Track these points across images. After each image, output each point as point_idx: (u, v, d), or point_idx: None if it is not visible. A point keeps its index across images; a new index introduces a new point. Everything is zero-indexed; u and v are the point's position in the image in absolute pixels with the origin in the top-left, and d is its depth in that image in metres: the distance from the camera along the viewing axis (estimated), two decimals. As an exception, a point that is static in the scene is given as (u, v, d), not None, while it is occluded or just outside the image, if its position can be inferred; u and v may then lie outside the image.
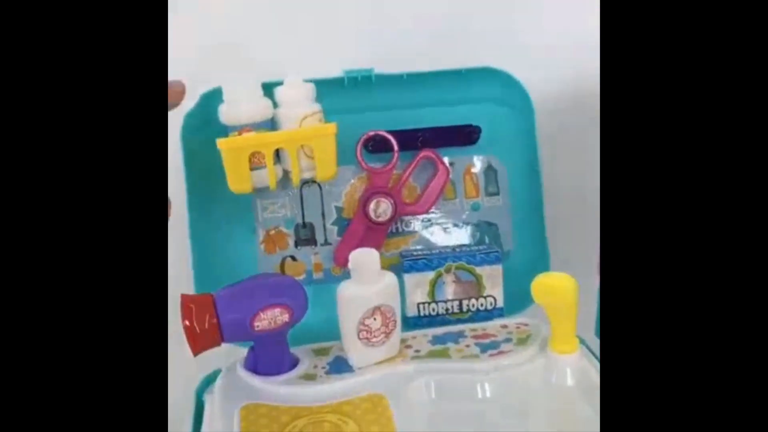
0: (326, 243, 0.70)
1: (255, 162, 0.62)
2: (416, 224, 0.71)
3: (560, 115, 0.75)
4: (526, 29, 0.76)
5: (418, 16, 0.75)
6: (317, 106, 0.63)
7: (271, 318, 0.56)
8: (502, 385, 0.58)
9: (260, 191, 0.67)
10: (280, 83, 0.63)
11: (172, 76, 0.61)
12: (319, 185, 0.69)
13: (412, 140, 0.69)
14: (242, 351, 0.61)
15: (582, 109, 0.75)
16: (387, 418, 0.53)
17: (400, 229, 0.71)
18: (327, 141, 0.62)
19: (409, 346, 0.62)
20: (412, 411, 0.54)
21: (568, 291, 0.55)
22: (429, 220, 0.71)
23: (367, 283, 0.57)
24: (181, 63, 0.67)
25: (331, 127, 0.62)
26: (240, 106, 0.61)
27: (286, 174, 0.65)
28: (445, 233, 0.71)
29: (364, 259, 0.57)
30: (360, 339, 0.58)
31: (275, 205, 0.69)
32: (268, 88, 0.63)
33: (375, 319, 0.58)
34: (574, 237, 0.73)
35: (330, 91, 0.65)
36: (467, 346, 0.61)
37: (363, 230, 0.69)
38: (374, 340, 0.58)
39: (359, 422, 0.52)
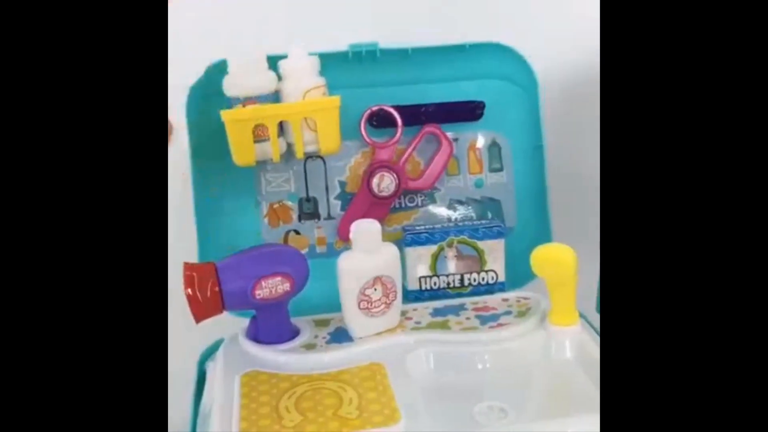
0: (329, 217, 0.70)
1: (259, 134, 0.62)
2: (419, 199, 0.71)
3: (565, 93, 0.75)
4: (534, 6, 0.76)
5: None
6: (321, 80, 0.64)
7: (272, 287, 0.56)
8: (501, 356, 0.58)
9: (264, 164, 0.68)
10: (284, 56, 0.63)
11: (180, 49, 0.62)
12: (323, 160, 0.70)
13: (416, 115, 0.70)
14: (244, 322, 0.61)
15: (587, 87, 0.75)
16: (385, 386, 0.53)
17: (404, 204, 0.71)
18: (330, 114, 0.63)
19: (409, 318, 0.62)
20: (410, 380, 0.54)
21: (567, 262, 0.55)
22: (432, 196, 0.71)
23: (368, 254, 0.58)
24: (187, 34, 0.68)
25: (335, 100, 0.63)
26: (244, 78, 0.62)
27: (289, 147, 0.65)
28: (449, 209, 0.71)
29: (366, 229, 0.58)
30: (360, 309, 0.58)
31: (279, 179, 0.70)
32: (273, 61, 0.63)
33: (376, 289, 0.58)
34: (577, 214, 0.73)
35: (335, 66, 0.66)
36: (467, 318, 0.62)
37: (366, 205, 0.69)
38: (375, 310, 0.59)
39: (357, 389, 0.53)
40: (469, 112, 0.70)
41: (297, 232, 0.70)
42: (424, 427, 0.49)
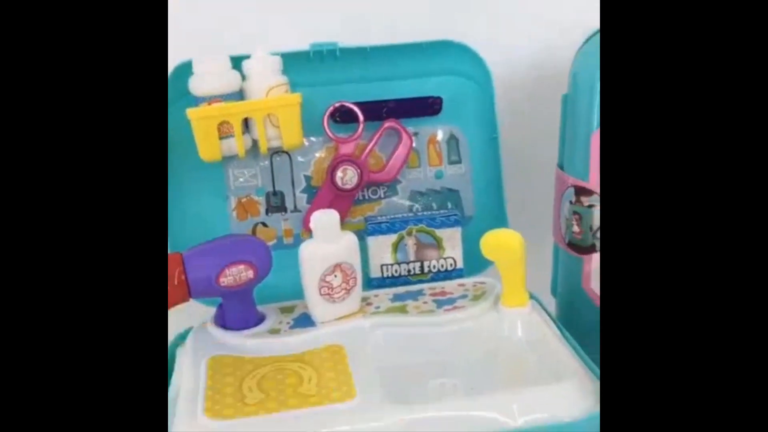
0: (296, 210, 0.73)
1: (224, 131, 0.65)
2: (382, 191, 0.74)
3: (519, 88, 0.78)
4: (489, 5, 0.79)
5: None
6: (283, 78, 0.67)
7: (236, 274, 0.59)
8: (456, 337, 0.61)
9: (231, 160, 0.71)
10: (247, 57, 0.66)
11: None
12: (288, 155, 0.73)
13: (377, 111, 0.73)
14: (214, 310, 0.64)
15: (540, 83, 0.79)
16: (344, 366, 0.56)
17: (367, 197, 0.74)
18: (292, 110, 0.66)
19: (370, 303, 0.65)
20: (368, 361, 0.57)
21: (514, 246, 0.58)
22: (394, 188, 0.74)
23: (328, 242, 0.61)
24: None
25: (296, 97, 0.66)
26: (209, 78, 0.65)
27: (255, 143, 0.68)
28: (410, 200, 0.74)
29: (325, 218, 0.61)
30: (321, 295, 0.61)
31: (247, 174, 0.73)
32: (237, 62, 0.66)
33: (336, 276, 0.61)
34: (531, 203, 0.77)
35: (297, 65, 0.69)
36: (424, 302, 0.65)
37: (331, 197, 0.72)
38: (336, 296, 0.62)
39: (317, 369, 0.56)
40: (427, 107, 0.74)
41: (265, 225, 0.73)
42: (380, 402, 0.52)
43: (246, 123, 0.67)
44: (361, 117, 0.71)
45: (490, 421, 0.50)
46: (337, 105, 0.71)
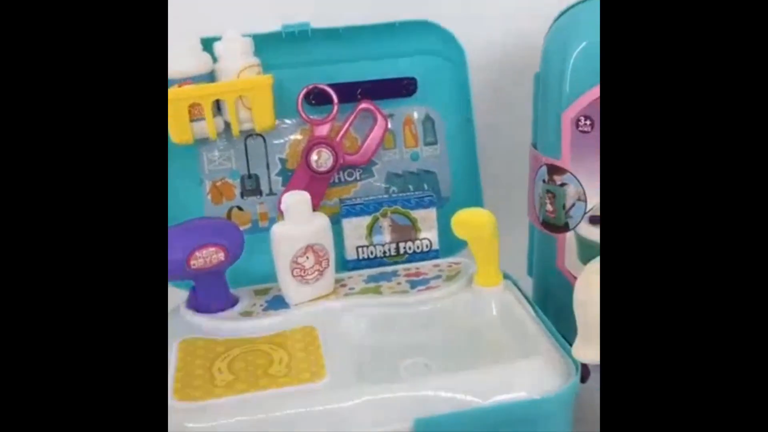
0: (271, 193, 0.73)
1: (195, 114, 0.65)
2: (358, 173, 0.74)
3: (494, 69, 0.78)
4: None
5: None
6: (255, 60, 0.66)
7: (206, 256, 0.59)
8: (429, 317, 0.61)
9: (205, 144, 0.70)
10: (218, 38, 0.66)
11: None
12: (263, 138, 0.72)
13: (352, 93, 0.72)
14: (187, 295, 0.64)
15: (514, 63, 0.78)
16: (316, 346, 0.56)
17: (342, 179, 0.74)
18: (263, 92, 0.65)
19: (344, 285, 0.65)
20: (340, 341, 0.57)
21: (485, 224, 0.58)
22: (370, 170, 0.74)
23: (299, 223, 0.61)
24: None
25: (267, 79, 0.65)
26: (179, 60, 0.64)
27: (227, 126, 0.68)
28: (386, 182, 0.74)
29: (295, 200, 0.60)
30: (294, 276, 0.61)
31: (221, 157, 0.72)
32: (208, 43, 0.66)
33: (307, 257, 0.61)
34: (508, 184, 0.77)
35: (269, 46, 0.68)
36: (398, 283, 0.65)
37: (306, 180, 0.71)
38: (308, 277, 0.62)
39: (288, 351, 0.56)
40: (402, 88, 0.73)
41: (240, 209, 0.73)
42: (349, 382, 0.52)
43: (218, 105, 0.66)
44: (335, 99, 0.71)
45: (459, 399, 0.50)
46: (310, 87, 0.71)
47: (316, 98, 0.72)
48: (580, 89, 0.60)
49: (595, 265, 0.50)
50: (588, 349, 0.50)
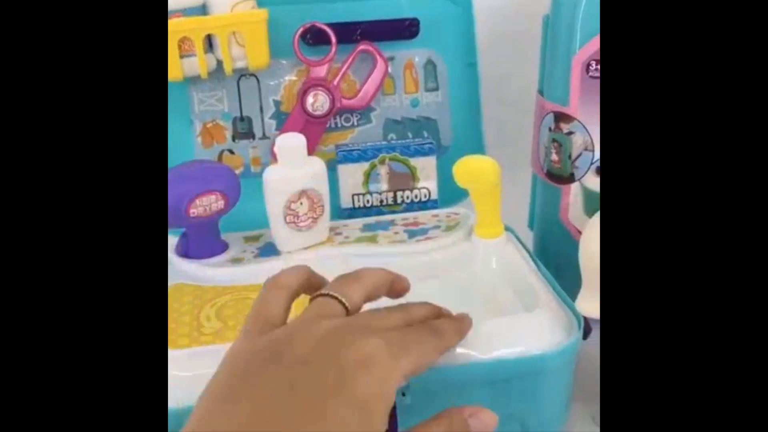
0: (264, 137, 0.70)
1: (185, 49, 0.61)
2: (355, 119, 0.71)
3: (501, 10, 0.74)
4: None
5: None
6: (250, -6, 0.63)
7: (206, 204, 0.56)
8: (427, 268, 0.59)
9: (195, 83, 0.67)
10: (211, -30, 0.62)
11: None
12: (257, 78, 0.69)
13: (351, 33, 0.69)
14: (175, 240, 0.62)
15: (522, 4, 0.74)
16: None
17: (339, 124, 0.71)
18: (257, 27, 0.62)
19: (339, 233, 0.63)
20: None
21: (488, 173, 0.55)
22: (368, 115, 0.71)
23: (293, 167, 0.58)
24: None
25: (261, 13, 0.62)
26: (169, -9, 0.60)
27: (220, 65, 0.64)
28: (384, 128, 0.71)
29: (290, 142, 0.57)
30: (287, 223, 0.58)
31: (212, 98, 0.69)
32: (200, -25, 0.62)
33: (301, 203, 0.58)
34: (511, 133, 0.74)
35: (265, -20, 0.65)
36: (396, 233, 0.62)
37: (301, 124, 0.69)
38: (301, 224, 0.59)
39: (280, 299, 0.54)
40: (403, 29, 0.70)
41: (231, 152, 0.70)
42: (342, 332, 0.50)
43: (210, 41, 0.63)
44: (333, 39, 0.67)
45: (458, 353, 0.48)
46: (308, 25, 0.67)
47: (314, 38, 0.68)
48: (592, 31, 0.57)
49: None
50: (593, 303, 0.48)
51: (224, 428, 0.33)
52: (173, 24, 0.60)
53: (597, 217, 0.48)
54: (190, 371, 0.46)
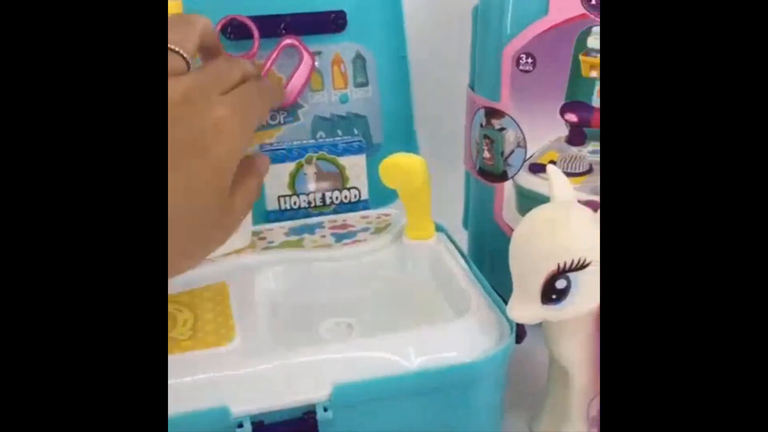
0: (185, 137, 0.66)
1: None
2: (281, 117, 0.68)
3: (429, 2, 0.72)
4: None
5: None
6: (163, -15, 0.59)
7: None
8: (356, 273, 0.56)
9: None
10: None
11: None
12: (175, 75, 0.65)
13: (275, 26, 0.65)
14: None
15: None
16: (224, 306, 0.50)
17: (265, 123, 0.67)
18: (170, 20, 0.58)
19: (263, 238, 0.59)
20: (255, 299, 0.52)
21: (416, 171, 0.52)
22: (295, 113, 0.68)
23: (210, 169, 0.54)
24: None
25: (175, 5, 0.58)
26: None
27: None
28: (313, 126, 0.68)
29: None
30: (205, 228, 0.55)
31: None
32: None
33: (220, 207, 0.55)
34: (443, 129, 0.72)
35: (180, -29, 0.61)
36: (323, 236, 0.59)
37: (224, 123, 0.65)
38: (221, 230, 0.55)
39: (195, 311, 0.50)
40: (329, 22, 0.66)
41: (149, 154, 0.66)
42: (261, 345, 0.47)
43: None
44: (256, 33, 0.64)
45: (383, 363, 0.45)
46: (227, 18, 0.64)
47: (235, 32, 0.64)
48: (522, 23, 0.55)
49: (532, 217, 0.45)
50: (524, 308, 0.45)
51: None
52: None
53: (527, 218, 0.46)
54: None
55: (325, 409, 0.43)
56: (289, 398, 0.44)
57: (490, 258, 0.63)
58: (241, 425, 0.42)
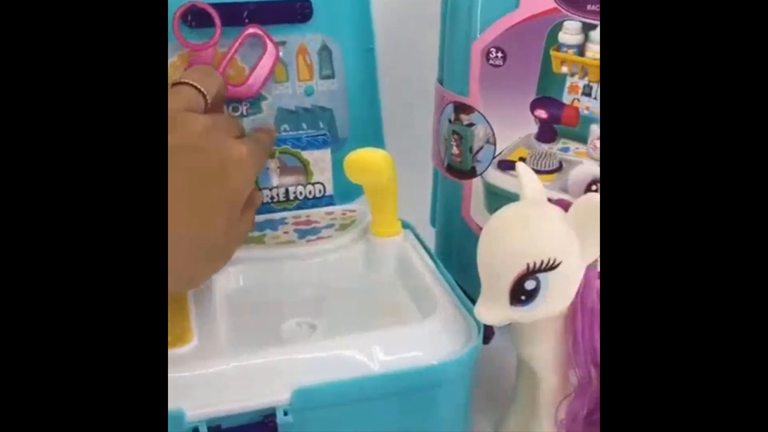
0: (143, 128, 0.64)
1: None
2: (244, 108, 0.65)
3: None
4: None
5: None
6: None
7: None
8: (319, 271, 0.55)
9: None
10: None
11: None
12: (133, 63, 0.62)
13: (238, 15, 0.63)
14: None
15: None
16: (181, 306, 0.48)
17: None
18: (127, 6, 0.55)
19: (223, 234, 0.57)
20: (214, 300, 0.50)
21: (381, 167, 0.51)
22: (258, 105, 0.66)
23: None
24: None
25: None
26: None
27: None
28: (277, 119, 0.66)
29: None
30: (161, 224, 0.53)
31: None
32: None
33: (178, 201, 0.52)
34: (411, 124, 0.70)
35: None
36: (285, 232, 0.57)
37: (184, 114, 0.63)
38: (179, 225, 0.53)
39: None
40: (295, 11, 0.64)
41: (105, 145, 0.63)
42: (218, 347, 0.45)
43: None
44: (217, 21, 0.62)
45: (346, 365, 0.44)
46: (188, 5, 0.61)
47: (196, 19, 0.62)
48: (492, 16, 0.53)
49: (501, 215, 0.44)
50: (492, 309, 0.44)
51: None
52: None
53: (496, 216, 0.44)
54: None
55: (285, 413, 0.42)
56: (247, 402, 0.42)
57: (457, 257, 0.62)
58: (196, 430, 0.41)
